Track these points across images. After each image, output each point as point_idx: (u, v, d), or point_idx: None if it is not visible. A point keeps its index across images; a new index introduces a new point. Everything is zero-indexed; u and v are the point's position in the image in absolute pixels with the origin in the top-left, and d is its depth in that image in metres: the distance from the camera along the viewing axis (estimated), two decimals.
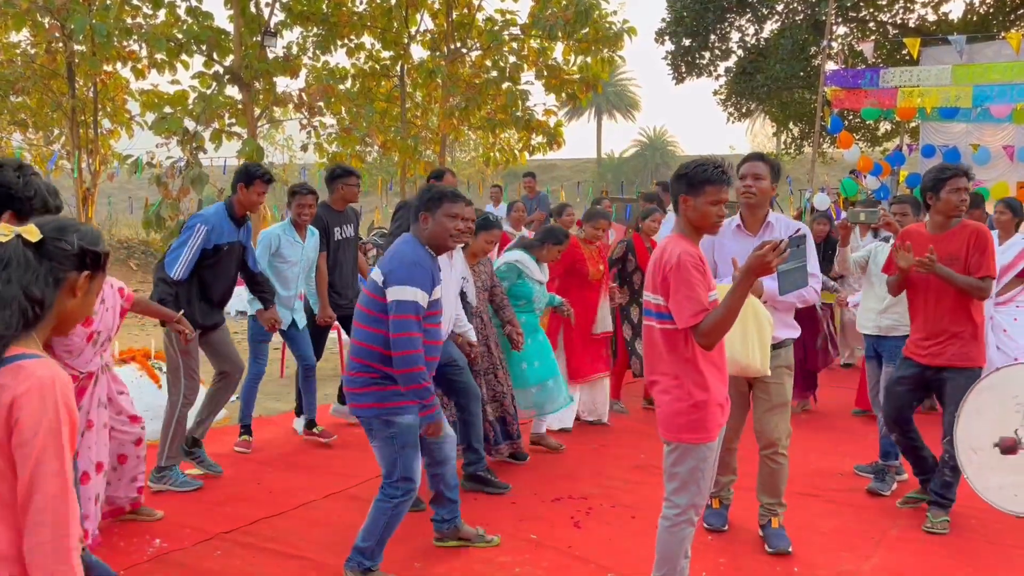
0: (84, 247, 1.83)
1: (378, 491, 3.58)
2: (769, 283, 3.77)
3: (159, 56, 14.89)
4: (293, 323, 5.62)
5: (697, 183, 2.97)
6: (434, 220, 3.58)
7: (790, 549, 3.96)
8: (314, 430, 5.77)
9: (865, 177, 11.65)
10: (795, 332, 4.09)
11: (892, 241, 4.76)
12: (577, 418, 6.15)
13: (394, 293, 3.43)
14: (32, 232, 1.78)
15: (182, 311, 4.44)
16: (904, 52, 13.18)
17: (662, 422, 3.08)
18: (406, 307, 3.41)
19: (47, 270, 1.78)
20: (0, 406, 1.66)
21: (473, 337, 4.78)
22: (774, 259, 2.85)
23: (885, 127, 19.27)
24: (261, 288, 5.15)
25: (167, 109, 14.91)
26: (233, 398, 5.60)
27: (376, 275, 3.54)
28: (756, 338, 3.64)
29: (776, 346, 3.91)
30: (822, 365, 6.70)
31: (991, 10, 18.46)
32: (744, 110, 20.36)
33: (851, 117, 17.01)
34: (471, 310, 4.92)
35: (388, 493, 3.55)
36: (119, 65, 16.37)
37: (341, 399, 6.11)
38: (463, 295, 4.81)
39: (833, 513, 4.51)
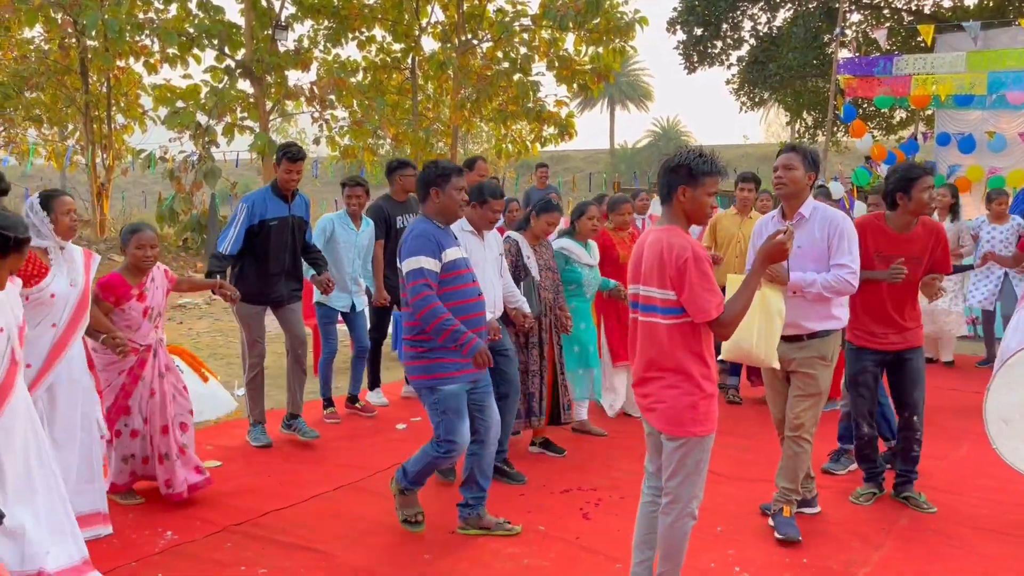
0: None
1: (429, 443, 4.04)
2: (795, 274, 3.82)
3: (171, 51, 14.98)
4: (352, 306, 6.09)
5: (699, 174, 2.99)
6: (444, 194, 3.97)
7: (799, 538, 3.95)
8: (356, 404, 6.26)
9: (879, 165, 11.55)
10: (831, 323, 4.04)
11: None
12: (625, 412, 6.25)
13: (405, 266, 3.89)
14: None
15: (219, 278, 4.89)
16: (919, 39, 13.05)
17: (668, 419, 3.03)
18: (415, 274, 3.83)
19: None
20: None
21: (527, 309, 4.93)
22: (788, 241, 3.05)
23: (900, 115, 19.09)
24: (313, 257, 5.52)
25: (179, 104, 14.99)
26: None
27: (399, 264, 3.99)
28: (760, 328, 3.68)
29: (810, 336, 3.97)
30: None
31: None
32: (757, 99, 20.22)
33: (865, 105, 16.86)
34: (536, 285, 5.16)
35: (434, 446, 3.98)
36: (132, 60, 16.47)
37: (371, 386, 6.61)
38: (527, 271, 5.11)
39: (843, 503, 4.50)
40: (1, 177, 3.04)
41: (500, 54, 16.65)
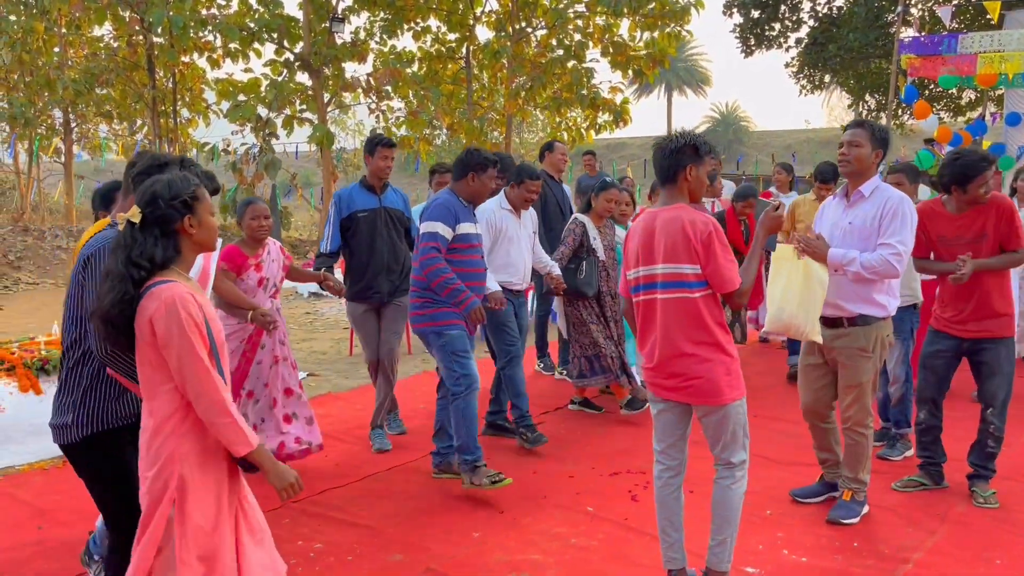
0: (171, 203, 2.40)
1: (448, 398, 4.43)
2: (834, 250, 3.81)
3: (232, 45, 15.32)
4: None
5: (703, 153, 3.16)
6: (479, 180, 4.47)
7: (845, 521, 3.92)
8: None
9: (943, 148, 11.22)
10: (873, 309, 3.88)
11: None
12: None
13: (423, 227, 4.38)
14: (135, 214, 2.40)
15: (323, 271, 4.97)
16: (987, 17, 12.59)
17: (708, 391, 3.09)
18: (427, 236, 4.33)
19: (157, 234, 2.40)
20: (143, 321, 2.33)
21: (557, 272, 5.42)
22: (783, 213, 3.34)
23: (969, 96, 18.47)
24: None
25: (241, 97, 15.33)
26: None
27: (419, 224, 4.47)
28: (801, 297, 3.77)
29: (850, 323, 3.88)
30: None
31: None
32: (817, 82, 19.79)
33: (931, 86, 16.36)
34: (600, 264, 5.62)
35: (454, 392, 4.34)
36: (195, 55, 16.91)
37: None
38: (593, 252, 5.60)
39: (898, 489, 4.43)
40: (212, 178, 3.27)
41: (554, 41, 16.59)
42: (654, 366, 3.20)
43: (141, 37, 16.64)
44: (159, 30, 14.95)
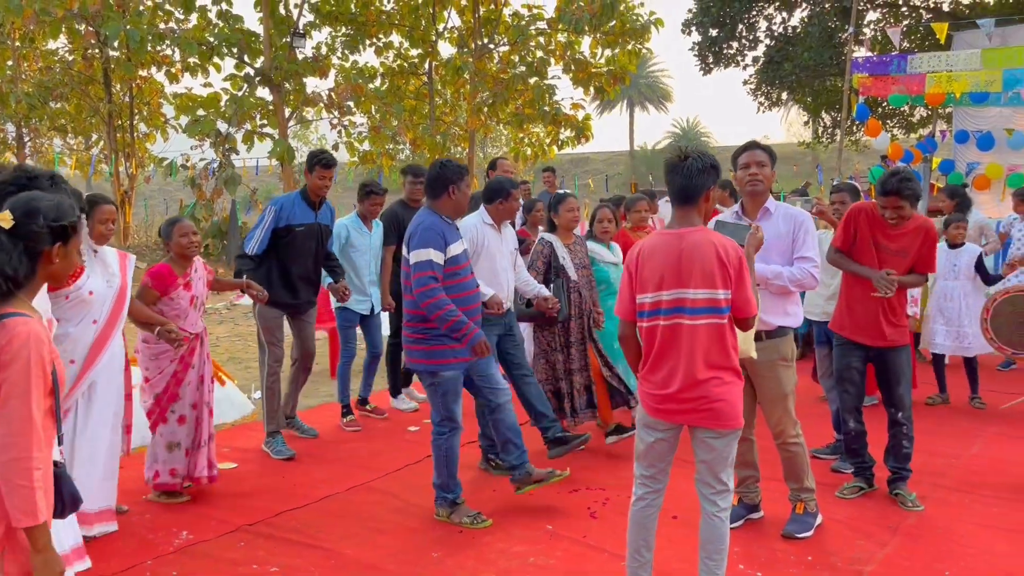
0: (50, 225, 2.16)
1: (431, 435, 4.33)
2: (759, 265, 3.85)
3: (192, 60, 15.19)
4: (372, 309, 6.16)
5: (719, 172, 3.18)
6: (460, 191, 4.25)
7: (799, 535, 3.98)
8: (367, 407, 6.33)
9: (895, 164, 11.49)
10: (787, 320, 4.01)
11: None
12: None
13: (413, 256, 4.11)
14: (5, 219, 2.11)
15: (245, 278, 4.99)
16: (936, 38, 12.95)
17: (727, 414, 3.07)
18: (423, 266, 4.06)
19: (21, 249, 2.13)
20: None
21: (547, 293, 5.15)
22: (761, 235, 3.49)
23: (920, 113, 18.94)
24: (332, 265, 5.64)
25: (200, 112, 15.20)
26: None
27: (406, 252, 4.19)
28: None
29: (768, 335, 3.94)
30: None
31: None
32: (774, 99, 20.16)
33: (884, 104, 16.76)
34: (570, 284, 5.31)
35: (438, 431, 4.29)
36: (153, 69, 16.73)
37: (393, 392, 6.64)
38: (562, 272, 5.32)
39: (849, 501, 4.50)
40: (80, 197, 3.21)
41: (516, 58, 16.72)
42: (672, 392, 3.09)
43: (97, 51, 16.42)
44: (115, 44, 14.78)
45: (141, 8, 15.17)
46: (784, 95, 20.18)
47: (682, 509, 4.17)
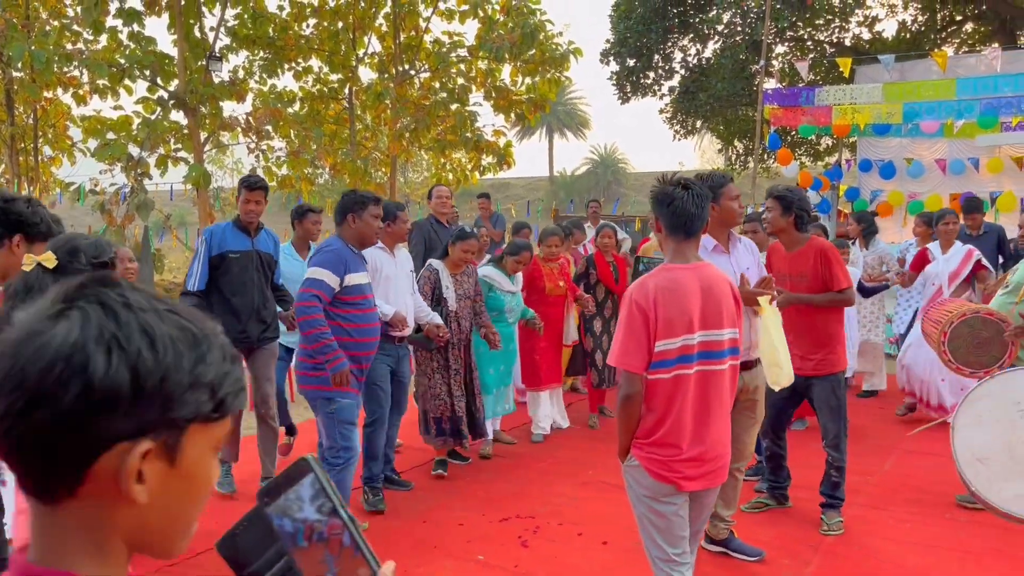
0: (93, 262, 2.30)
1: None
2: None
3: (101, 82, 14.70)
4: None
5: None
6: (360, 220, 4.28)
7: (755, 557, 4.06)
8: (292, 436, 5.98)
9: (805, 191, 11.95)
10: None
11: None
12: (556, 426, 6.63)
13: (307, 273, 4.17)
14: (49, 259, 2.24)
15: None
16: (840, 70, 13.60)
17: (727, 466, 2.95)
18: (312, 283, 4.12)
19: None
20: None
21: (439, 321, 5.15)
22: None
23: (827, 142, 19.79)
24: (280, 295, 5.31)
25: (110, 135, 14.69)
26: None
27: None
28: (782, 341, 3.84)
29: (758, 361, 4.00)
30: None
31: (923, 28, 19.13)
32: (689, 128, 20.75)
33: (793, 133, 17.46)
34: (449, 314, 5.33)
35: (330, 462, 4.18)
36: (60, 91, 16.12)
37: None
38: (444, 301, 5.32)
39: (774, 521, 4.62)
40: (58, 222, 3.09)
41: (437, 84, 16.76)
42: (703, 451, 2.77)
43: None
44: (19, 64, 14.19)
45: (47, 28, 14.63)
46: (698, 123, 20.79)
47: (613, 535, 4.20)
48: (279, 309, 5.31)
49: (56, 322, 0.75)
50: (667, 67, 19.67)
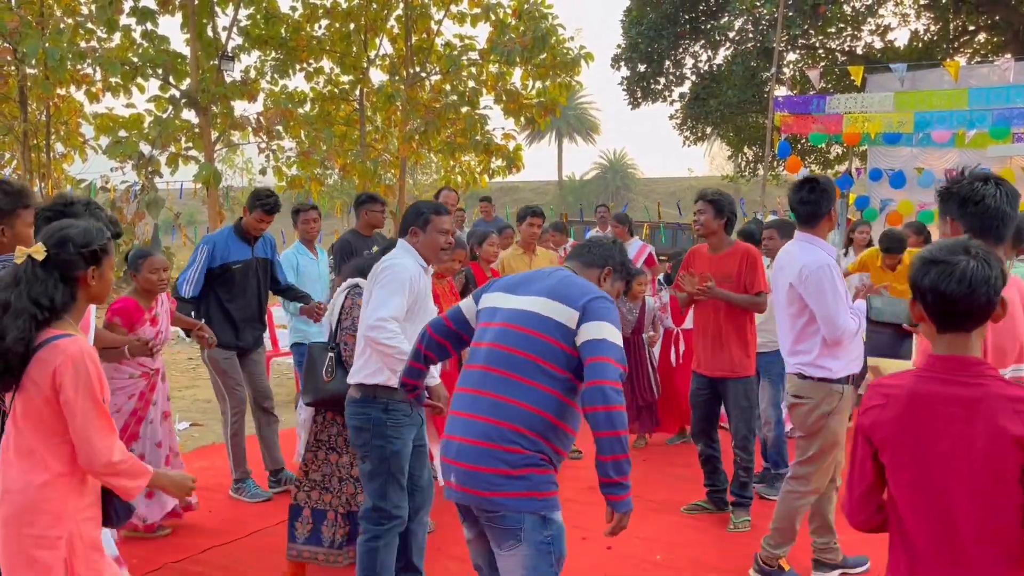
0: (81, 251, 2.31)
1: None
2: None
3: (114, 80, 14.77)
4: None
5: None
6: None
7: None
8: None
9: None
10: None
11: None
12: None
13: (601, 331, 2.53)
14: (38, 251, 2.27)
15: (202, 320, 4.75)
16: (852, 78, 13.59)
17: None
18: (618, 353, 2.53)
19: (56, 277, 2.29)
20: (45, 374, 2.24)
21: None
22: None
23: (837, 151, 19.76)
24: (295, 293, 5.37)
25: (122, 133, 14.76)
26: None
27: (549, 310, 2.57)
28: None
29: None
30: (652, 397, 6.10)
31: (935, 38, 19.08)
32: (699, 134, 20.74)
33: (803, 141, 17.44)
34: None
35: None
36: (73, 88, 16.22)
37: None
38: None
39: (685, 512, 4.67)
40: (116, 222, 3.15)
41: (448, 87, 16.79)
42: None
43: (13, 68, 15.83)
44: (33, 61, 14.28)
45: (61, 26, 14.71)
46: (708, 130, 20.77)
47: (617, 540, 4.19)
48: (299, 304, 5.38)
49: None
50: (678, 73, 19.67)
